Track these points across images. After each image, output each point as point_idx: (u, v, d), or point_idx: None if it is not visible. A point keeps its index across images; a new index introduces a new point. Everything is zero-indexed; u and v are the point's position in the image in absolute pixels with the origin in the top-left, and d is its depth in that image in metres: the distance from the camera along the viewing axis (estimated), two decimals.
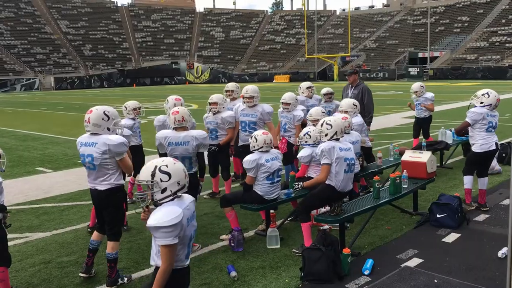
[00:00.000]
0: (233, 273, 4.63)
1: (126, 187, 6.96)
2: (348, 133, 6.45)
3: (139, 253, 5.35)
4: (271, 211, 5.52)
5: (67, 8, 76.04)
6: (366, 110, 8.20)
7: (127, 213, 5.98)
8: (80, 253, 5.41)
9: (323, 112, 6.79)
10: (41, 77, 60.30)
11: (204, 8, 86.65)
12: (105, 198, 4.47)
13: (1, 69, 59.36)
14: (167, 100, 6.61)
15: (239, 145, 7.26)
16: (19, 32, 67.13)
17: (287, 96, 7.36)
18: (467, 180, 6.57)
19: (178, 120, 5.21)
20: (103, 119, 4.41)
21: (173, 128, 5.26)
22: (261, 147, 5.48)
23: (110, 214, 4.52)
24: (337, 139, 5.17)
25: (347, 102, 6.92)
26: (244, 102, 7.10)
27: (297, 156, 6.03)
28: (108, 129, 4.45)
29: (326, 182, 5.10)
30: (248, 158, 5.47)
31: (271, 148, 5.59)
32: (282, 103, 7.38)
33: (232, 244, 5.35)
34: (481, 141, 6.40)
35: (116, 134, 4.57)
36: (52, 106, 29.21)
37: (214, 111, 7.00)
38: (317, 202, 5.18)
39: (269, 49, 75.47)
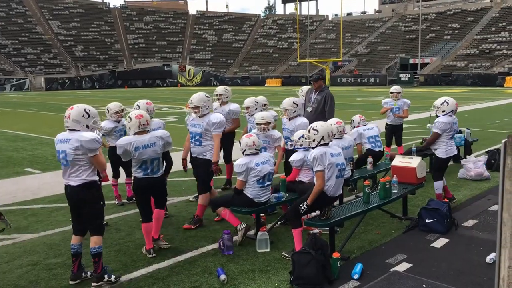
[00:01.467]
0: (223, 277, 4.62)
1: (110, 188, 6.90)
2: (341, 138, 6.48)
3: (128, 256, 5.32)
4: (261, 214, 5.52)
5: (59, 8, 75.63)
6: (327, 118, 7.56)
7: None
8: (68, 254, 5.35)
9: (294, 103, 6.85)
10: (32, 77, 59.85)
11: (197, 11, 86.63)
12: (78, 193, 4.51)
13: None
14: (138, 105, 6.43)
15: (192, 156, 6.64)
16: (10, 32, 66.60)
17: (247, 101, 7.70)
18: (438, 186, 6.91)
19: (143, 124, 5.17)
20: (83, 116, 4.51)
21: (135, 133, 5.18)
22: (244, 150, 5.53)
23: (87, 209, 4.56)
24: (326, 144, 5.18)
25: (287, 101, 6.90)
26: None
27: (289, 160, 6.03)
28: (87, 126, 4.54)
29: None
30: (238, 162, 5.49)
31: (258, 150, 5.61)
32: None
33: (222, 247, 5.34)
34: (445, 147, 6.87)
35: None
36: (42, 107, 29.00)
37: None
38: (308, 208, 5.16)
39: (261, 53, 75.59)
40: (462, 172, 8.71)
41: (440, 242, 5.54)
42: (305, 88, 8.51)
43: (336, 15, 79.91)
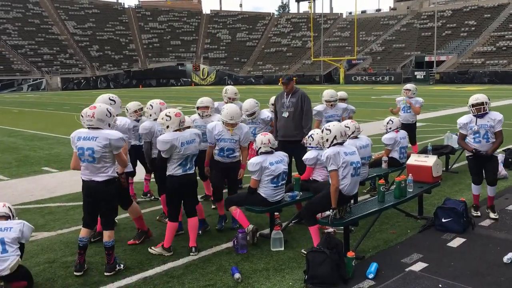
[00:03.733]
0: (237, 275, 4.63)
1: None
2: (357, 137, 6.44)
3: (143, 254, 5.35)
4: (275, 213, 5.52)
5: (75, 9, 76.45)
6: (305, 120, 6.99)
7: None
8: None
9: (256, 103, 7.34)
10: (48, 77, 60.61)
11: (211, 10, 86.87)
12: (103, 188, 4.75)
13: (8, 69, 59.73)
14: (151, 105, 6.27)
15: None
16: (26, 33, 67.52)
17: (205, 100, 7.10)
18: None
19: (182, 121, 5.32)
20: (106, 115, 4.76)
21: (174, 130, 5.20)
22: (259, 148, 5.57)
23: (108, 204, 4.84)
24: (341, 144, 5.15)
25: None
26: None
27: (303, 158, 6.02)
28: (109, 125, 4.79)
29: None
30: (252, 160, 5.50)
31: (273, 149, 5.62)
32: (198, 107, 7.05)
33: (236, 246, 5.35)
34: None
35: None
36: (58, 107, 29.35)
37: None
38: (322, 205, 5.15)
39: (275, 52, 75.51)
40: None
41: (457, 242, 5.48)
42: (273, 99, 7.95)
43: (350, 13, 79.52)
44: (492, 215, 6.26)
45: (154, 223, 6.42)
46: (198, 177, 5.81)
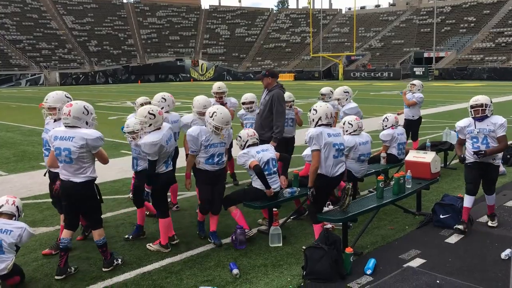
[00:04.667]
0: (235, 271, 4.64)
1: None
2: (358, 135, 6.43)
3: (142, 249, 5.36)
4: (273, 209, 5.52)
5: (73, 3, 76.19)
6: (274, 120, 6.70)
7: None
8: (82, 248, 5.44)
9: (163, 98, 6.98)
10: (46, 72, 60.47)
11: (210, 6, 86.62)
12: (81, 190, 4.59)
13: (6, 64, 59.55)
14: (164, 98, 6.37)
15: None
16: (24, 27, 67.30)
17: (248, 96, 7.64)
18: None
19: (164, 119, 5.37)
20: (83, 112, 4.56)
21: (156, 129, 5.12)
22: (247, 141, 5.67)
23: (88, 205, 4.71)
24: (326, 125, 5.15)
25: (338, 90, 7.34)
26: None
27: (302, 154, 6.03)
28: (87, 123, 4.60)
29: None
30: (239, 153, 5.61)
31: (257, 140, 5.77)
32: (244, 103, 7.64)
33: (234, 242, 5.35)
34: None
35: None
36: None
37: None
38: (318, 194, 5.10)
39: (274, 47, 75.39)
40: None
41: (455, 238, 5.49)
42: (339, 90, 8.29)
43: (349, 8, 79.38)
44: (490, 223, 5.88)
45: (151, 219, 6.42)
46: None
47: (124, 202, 7.18)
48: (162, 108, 6.31)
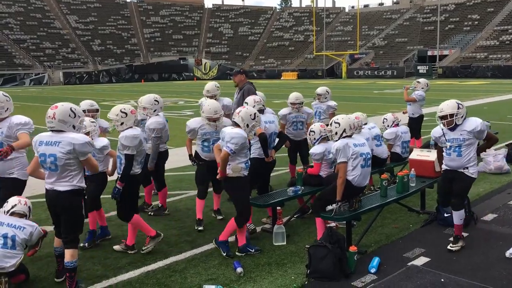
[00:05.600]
0: (239, 269, 4.64)
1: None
2: (358, 133, 6.42)
3: None
4: (277, 207, 5.52)
5: (76, 3, 76.30)
6: None
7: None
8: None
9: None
10: (50, 72, 60.59)
11: (213, 4, 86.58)
12: (65, 199, 4.18)
13: (10, 63, 59.72)
14: (157, 101, 6.34)
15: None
16: (28, 27, 67.45)
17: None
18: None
19: (137, 119, 5.33)
20: (69, 115, 4.17)
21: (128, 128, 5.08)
22: (253, 106, 5.83)
23: (69, 218, 4.25)
24: (349, 136, 5.16)
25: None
26: None
27: (309, 152, 6.02)
28: (74, 126, 4.21)
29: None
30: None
31: (264, 107, 6.06)
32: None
33: None
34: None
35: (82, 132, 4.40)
36: (61, 101, 29.19)
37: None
38: (334, 196, 5.10)
39: (277, 46, 75.30)
40: (482, 165, 8.58)
41: None
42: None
43: (353, 7, 79.25)
44: (450, 246, 5.10)
45: (152, 219, 6.43)
46: None
47: None
48: (154, 110, 6.32)
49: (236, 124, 5.13)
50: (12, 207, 4.50)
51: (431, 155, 6.28)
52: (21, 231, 4.32)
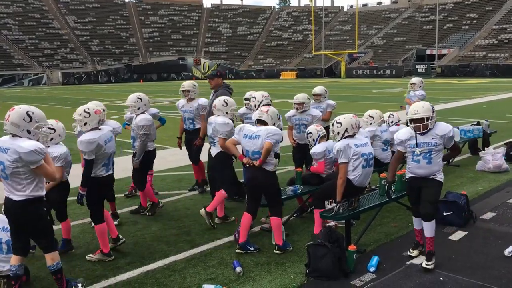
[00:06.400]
0: (239, 269, 4.64)
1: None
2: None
3: (145, 248, 5.37)
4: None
5: (75, 3, 76.23)
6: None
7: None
8: (86, 247, 5.45)
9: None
10: (49, 72, 60.54)
11: (211, 4, 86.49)
12: (20, 209, 3.91)
13: (9, 63, 59.66)
14: (140, 98, 6.33)
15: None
16: (27, 27, 67.38)
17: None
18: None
19: (102, 119, 5.11)
20: (24, 119, 3.84)
21: (93, 128, 4.93)
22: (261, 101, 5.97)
23: (32, 227, 4.01)
24: (351, 136, 5.16)
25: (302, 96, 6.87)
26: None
27: (310, 152, 6.01)
28: (29, 131, 3.86)
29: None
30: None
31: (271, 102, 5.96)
32: (246, 99, 7.25)
33: (237, 240, 5.35)
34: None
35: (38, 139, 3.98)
36: (59, 101, 29.34)
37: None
38: (334, 193, 5.09)
39: (276, 46, 75.30)
40: (481, 164, 8.60)
41: (458, 235, 5.48)
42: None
43: (351, 6, 79.26)
44: (425, 263, 4.60)
45: (156, 217, 6.43)
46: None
47: (128, 200, 7.20)
48: (138, 108, 6.31)
49: (261, 122, 5.14)
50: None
51: None
52: None
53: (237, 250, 5.11)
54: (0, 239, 4.22)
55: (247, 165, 5.08)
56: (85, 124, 4.90)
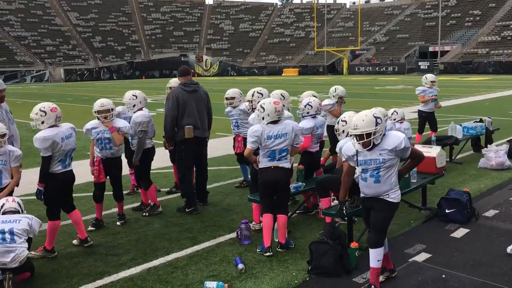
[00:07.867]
0: (241, 266, 4.65)
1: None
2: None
3: (147, 244, 5.38)
4: None
5: (77, 0, 76.25)
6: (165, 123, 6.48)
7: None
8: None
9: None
10: (51, 68, 60.63)
11: (214, 1, 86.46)
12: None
13: (11, 60, 59.76)
14: (135, 96, 6.36)
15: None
16: (29, 24, 67.45)
17: (230, 92, 7.37)
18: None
19: (59, 116, 5.13)
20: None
21: (52, 125, 5.04)
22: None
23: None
24: None
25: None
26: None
27: (299, 127, 5.85)
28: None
29: None
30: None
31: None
32: (226, 98, 7.31)
33: (239, 237, 5.36)
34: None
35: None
36: (62, 98, 29.36)
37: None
38: (337, 186, 4.99)
39: (278, 42, 75.21)
40: (483, 161, 8.58)
41: (460, 232, 5.48)
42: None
43: (354, 3, 79.01)
44: None
45: (151, 218, 6.44)
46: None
47: (129, 197, 7.20)
48: (134, 105, 6.33)
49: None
50: (2, 207, 4.55)
51: (432, 151, 6.29)
52: (18, 223, 4.33)
53: (278, 249, 5.06)
54: (2, 230, 4.22)
55: (272, 167, 5.03)
56: (42, 122, 4.99)
